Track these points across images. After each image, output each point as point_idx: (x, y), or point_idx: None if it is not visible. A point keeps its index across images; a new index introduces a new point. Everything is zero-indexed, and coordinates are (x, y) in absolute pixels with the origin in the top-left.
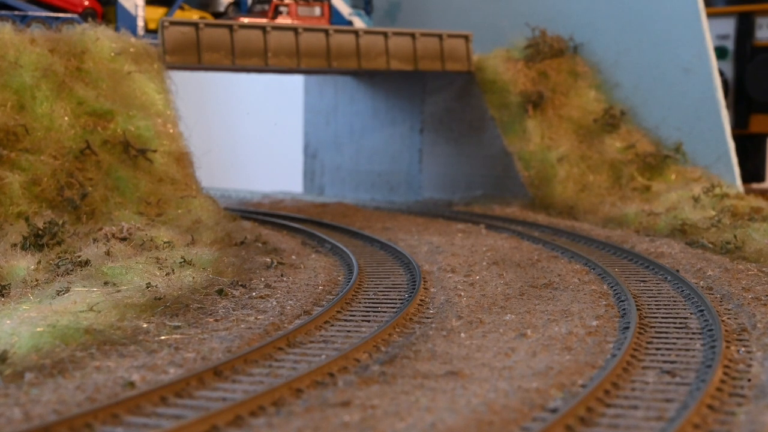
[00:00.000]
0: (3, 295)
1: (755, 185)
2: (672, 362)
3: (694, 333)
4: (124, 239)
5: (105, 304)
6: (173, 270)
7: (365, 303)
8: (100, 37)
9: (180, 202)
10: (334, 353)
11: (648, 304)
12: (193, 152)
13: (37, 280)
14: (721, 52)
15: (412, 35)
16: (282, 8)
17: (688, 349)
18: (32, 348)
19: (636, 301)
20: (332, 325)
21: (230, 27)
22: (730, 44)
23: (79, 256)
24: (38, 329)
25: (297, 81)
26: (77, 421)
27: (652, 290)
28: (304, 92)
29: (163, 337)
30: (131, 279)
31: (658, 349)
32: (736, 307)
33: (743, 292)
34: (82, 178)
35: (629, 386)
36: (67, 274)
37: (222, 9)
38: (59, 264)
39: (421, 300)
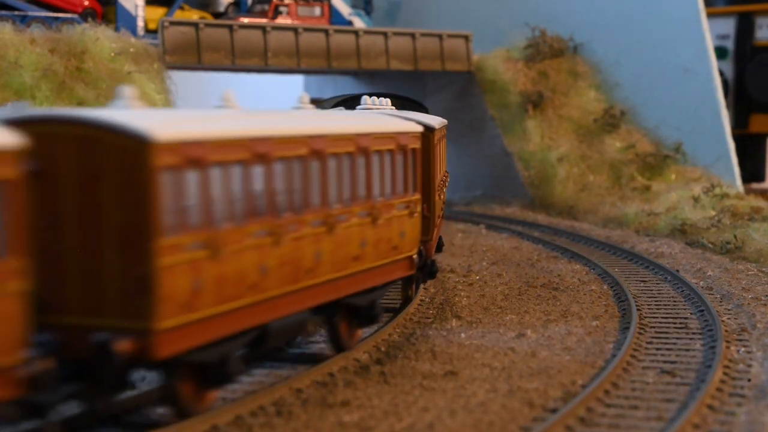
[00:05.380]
0: None
1: (755, 185)
2: (672, 362)
3: (694, 333)
4: None
5: None
6: None
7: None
8: (100, 37)
9: None
10: (333, 353)
11: (648, 305)
12: None
13: None
14: (721, 52)
15: (412, 35)
16: (282, 8)
17: (688, 349)
18: None
19: (636, 301)
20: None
21: (230, 27)
22: (730, 44)
23: None
24: None
25: (297, 81)
26: None
27: (652, 290)
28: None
29: None
30: None
31: (658, 349)
32: (736, 307)
33: (743, 292)
34: None
35: (629, 386)
36: None
37: (222, 9)
38: None
39: (421, 300)
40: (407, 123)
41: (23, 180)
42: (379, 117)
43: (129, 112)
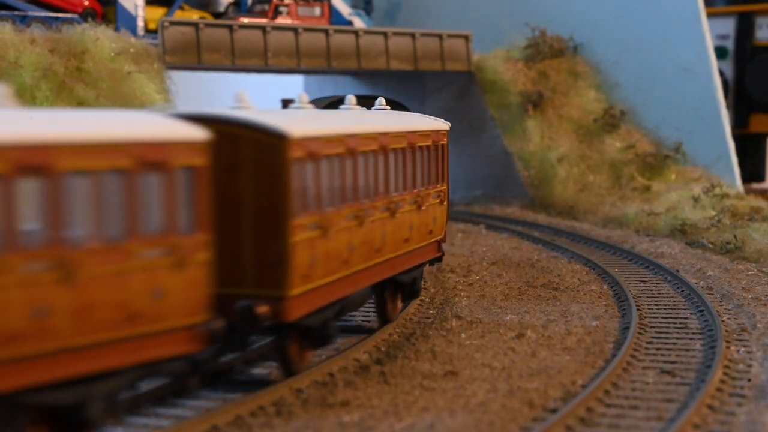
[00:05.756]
0: None
1: (755, 185)
2: (672, 362)
3: (694, 333)
4: None
5: None
6: None
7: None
8: (100, 37)
9: None
10: (333, 353)
11: (648, 305)
12: None
13: None
14: (721, 52)
15: (412, 35)
16: (282, 8)
17: (688, 350)
18: None
19: (636, 302)
20: None
21: (230, 27)
22: (730, 44)
23: None
24: None
25: (297, 81)
26: None
27: (652, 290)
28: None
29: None
30: None
31: (658, 349)
32: (736, 307)
33: (743, 292)
34: None
35: (629, 386)
36: None
37: (222, 9)
38: None
39: (421, 300)
40: (438, 121)
41: (209, 168)
42: (418, 116)
43: (260, 113)
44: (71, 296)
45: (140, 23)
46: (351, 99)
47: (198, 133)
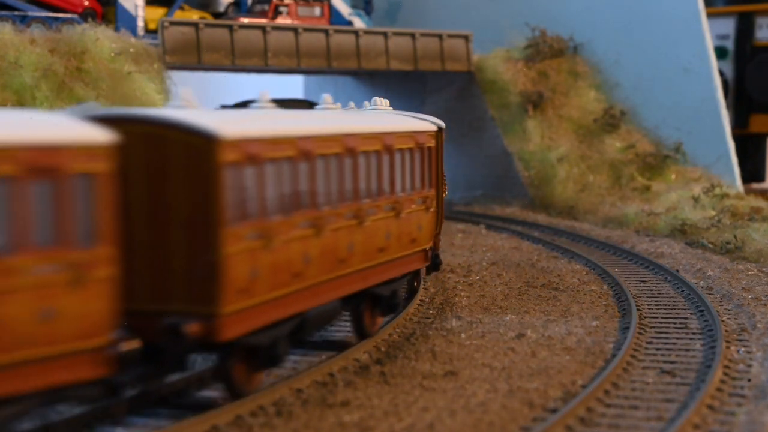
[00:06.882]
0: None
1: (755, 185)
2: (672, 362)
3: (694, 333)
4: None
5: None
6: None
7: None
8: (100, 38)
9: None
10: (333, 353)
11: (648, 305)
12: None
13: None
14: (721, 52)
15: (412, 35)
16: (282, 8)
17: (688, 350)
18: None
19: (636, 302)
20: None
21: (230, 27)
22: (730, 44)
23: None
24: None
25: (297, 81)
26: None
27: (652, 290)
28: (304, 92)
29: None
30: None
31: (658, 349)
32: (736, 307)
33: (743, 292)
34: None
35: (629, 386)
36: None
37: (222, 9)
38: None
39: (421, 300)
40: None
41: (434, 148)
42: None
43: (419, 115)
44: (398, 226)
45: (140, 23)
46: (384, 101)
47: (433, 126)
